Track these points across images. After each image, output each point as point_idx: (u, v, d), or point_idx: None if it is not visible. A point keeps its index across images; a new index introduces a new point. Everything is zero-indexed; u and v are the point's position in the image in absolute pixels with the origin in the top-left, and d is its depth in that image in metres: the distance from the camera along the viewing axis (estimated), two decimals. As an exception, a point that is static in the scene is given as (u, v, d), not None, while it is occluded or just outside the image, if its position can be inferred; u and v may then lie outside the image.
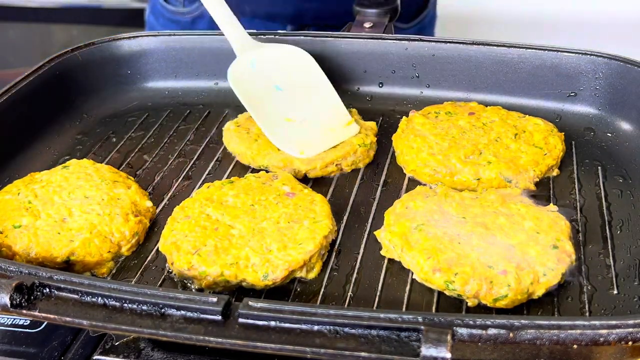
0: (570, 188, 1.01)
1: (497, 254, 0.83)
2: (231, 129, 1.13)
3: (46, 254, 0.89)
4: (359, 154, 1.08)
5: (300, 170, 1.05)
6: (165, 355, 0.81)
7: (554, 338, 0.65)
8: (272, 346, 0.66)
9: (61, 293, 0.72)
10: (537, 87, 1.19)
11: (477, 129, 1.08)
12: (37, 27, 2.79)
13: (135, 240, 0.94)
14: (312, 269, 0.88)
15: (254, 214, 0.93)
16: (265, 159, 1.07)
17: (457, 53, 1.21)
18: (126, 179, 1.02)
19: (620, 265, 0.87)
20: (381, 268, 0.89)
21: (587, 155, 1.08)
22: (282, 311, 0.68)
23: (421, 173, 1.03)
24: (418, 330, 0.65)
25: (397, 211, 0.93)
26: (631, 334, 0.65)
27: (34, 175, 1.01)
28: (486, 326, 0.65)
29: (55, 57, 1.21)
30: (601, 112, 1.16)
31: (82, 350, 0.83)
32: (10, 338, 0.85)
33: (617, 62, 1.13)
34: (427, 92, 1.24)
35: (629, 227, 0.93)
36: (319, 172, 1.06)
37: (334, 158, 1.06)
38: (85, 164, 1.04)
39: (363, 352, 0.64)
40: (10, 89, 1.12)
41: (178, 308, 0.69)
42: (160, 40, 1.29)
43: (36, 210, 0.94)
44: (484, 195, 0.94)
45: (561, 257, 0.83)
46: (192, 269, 0.86)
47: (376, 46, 1.24)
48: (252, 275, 0.84)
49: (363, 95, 1.26)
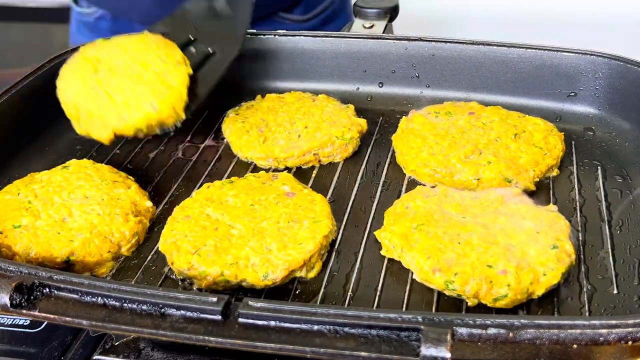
0: (570, 188, 1.01)
1: (497, 254, 0.83)
2: (230, 117, 1.17)
3: (46, 254, 0.89)
4: (337, 146, 1.09)
5: (279, 157, 1.07)
6: (165, 355, 0.81)
7: (554, 338, 0.65)
8: (272, 346, 0.66)
9: (61, 293, 0.72)
10: (537, 87, 1.19)
11: (477, 128, 1.08)
12: (37, 27, 2.79)
13: (135, 240, 0.94)
14: (312, 269, 0.88)
15: (254, 214, 0.93)
16: (249, 152, 1.09)
17: (457, 53, 1.21)
18: (126, 179, 1.02)
19: (620, 265, 0.87)
20: (381, 268, 0.89)
21: (587, 155, 1.08)
22: (282, 311, 0.68)
23: (421, 173, 1.03)
24: (418, 330, 0.65)
25: (397, 211, 0.93)
26: (631, 333, 0.65)
27: (34, 176, 1.01)
28: (486, 326, 0.65)
29: (55, 57, 1.21)
30: (601, 112, 1.16)
31: (82, 350, 0.83)
32: (10, 338, 0.85)
33: (617, 62, 1.13)
34: (427, 92, 1.24)
35: (628, 227, 0.93)
36: (297, 161, 1.08)
37: (311, 147, 1.08)
38: (85, 164, 1.04)
39: (363, 351, 0.64)
40: (10, 89, 1.12)
41: (178, 308, 0.70)
42: (160, 40, 1.29)
43: (36, 210, 0.94)
44: (484, 195, 0.94)
45: (561, 257, 0.83)
46: (192, 269, 0.86)
47: (376, 46, 1.24)
48: (252, 275, 0.84)
49: (363, 95, 1.26)
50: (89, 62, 1.06)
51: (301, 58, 1.27)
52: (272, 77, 1.28)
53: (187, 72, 1.06)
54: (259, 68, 1.28)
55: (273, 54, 1.27)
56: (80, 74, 1.05)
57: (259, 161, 1.10)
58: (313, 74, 1.28)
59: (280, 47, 1.27)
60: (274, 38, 1.26)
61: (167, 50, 1.07)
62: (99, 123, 1.02)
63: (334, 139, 1.09)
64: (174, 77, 1.04)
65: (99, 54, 1.07)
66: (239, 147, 1.11)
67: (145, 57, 1.06)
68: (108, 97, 1.02)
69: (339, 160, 1.10)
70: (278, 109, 1.17)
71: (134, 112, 1.00)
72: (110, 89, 1.02)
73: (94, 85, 1.03)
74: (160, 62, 1.05)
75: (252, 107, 1.18)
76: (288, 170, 1.08)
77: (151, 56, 1.06)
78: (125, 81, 1.03)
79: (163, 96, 1.02)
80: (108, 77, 1.04)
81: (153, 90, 1.02)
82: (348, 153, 1.11)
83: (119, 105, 1.01)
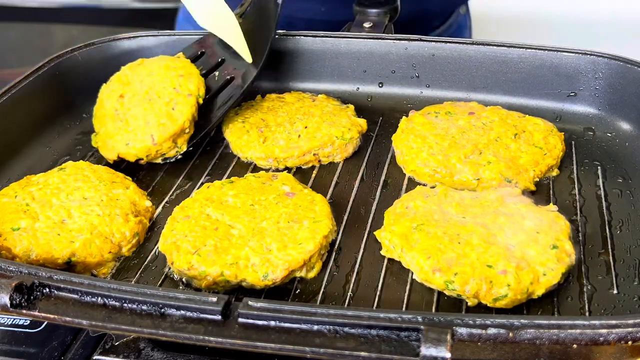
0: (570, 188, 1.01)
1: (497, 254, 0.83)
2: (230, 117, 1.16)
3: (47, 256, 0.89)
4: (337, 146, 1.09)
5: (279, 157, 1.08)
6: (165, 355, 0.81)
7: (554, 338, 0.65)
8: (272, 346, 0.66)
9: (61, 293, 0.72)
10: (537, 87, 1.19)
11: (477, 128, 1.08)
12: (37, 27, 2.78)
13: (136, 241, 0.94)
14: (312, 269, 0.88)
15: (253, 214, 0.93)
16: (249, 152, 1.09)
17: (457, 53, 1.21)
18: (124, 179, 1.02)
19: (620, 265, 0.87)
20: (381, 268, 0.89)
21: (587, 155, 1.08)
22: (281, 311, 0.68)
23: (421, 173, 1.03)
24: (418, 330, 0.65)
25: (397, 211, 0.93)
26: (631, 333, 0.65)
27: (31, 178, 1.01)
28: (486, 326, 0.65)
29: (55, 57, 1.21)
30: (601, 112, 1.16)
31: (82, 350, 0.83)
32: (10, 338, 0.85)
33: (617, 62, 1.13)
34: (427, 92, 1.24)
35: (628, 227, 0.93)
36: (297, 161, 1.08)
37: (311, 147, 1.08)
38: (81, 165, 1.04)
39: (363, 351, 0.64)
40: (10, 89, 1.12)
41: (178, 308, 0.70)
42: (160, 40, 1.29)
43: (34, 212, 0.94)
44: (484, 195, 0.94)
45: (561, 257, 0.83)
46: (192, 269, 0.86)
47: (376, 46, 1.24)
48: (252, 275, 0.84)
49: (363, 95, 1.26)
50: (121, 82, 1.14)
51: (301, 58, 1.27)
52: (272, 77, 1.28)
53: (195, 105, 1.09)
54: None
55: (273, 54, 1.27)
56: (111, 94, 1.14)
57: (259, 161, 1.10)
58: (313, 74, 1.28)
59: (280, 47, 1.27)
60: (274, 38, 1.26)
61: (184, 79, 1.10)
62: (110, 144, 1.08)
63: (334, 139, 1.09)
64: (181, 111, 1.07)
65: (131, 75, 1.15)
66: (239, 147, 1.11)
67: (162, 85, 1.10)
68: (125, 122, 1.09)
69: (339, 160, 1.10)
70: (278, 109, 1.17)
71: (136, 142, 1.05)
72: (128, 115, 1.09)
73: (117, 107, 1.11)
74: (172, 93, 1.09)
75: (252, 107, 1.18)
76: (288, 170, 1.08)
77: (167, 85, 1.10)
78: (139, 110, 1.09)
79: (165, 130, 1.05)
80: (129, 102, 1.11)
81: (158, 122, 1.06)
82: (348, 153, 1.11)
83: (129, 132, 1.07)
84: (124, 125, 1.08)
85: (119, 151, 1.07)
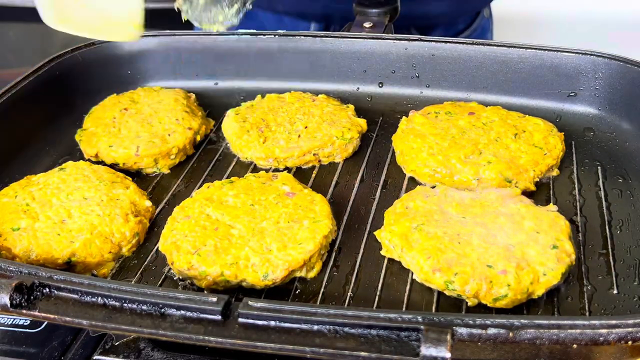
0: (570, 188, 1.01)
1: (497, 254, 0.83)
2: (230, 116, 1.16)
3: (47, 256, 0.89)
4: (337, 146, 1.09)
5: (279, 157, 1.08)
6: (165, 355, 0.81)
7: (554, 338, 0.65)
8: (272, 346, 0.66)
9: (61, 293, 0.72)
10: (537, 87, 1.19)
11: (477, 129, 1.08)
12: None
13: (136, 241, 0.94)
14: (312, 269, 0.88)
15: (254, 214, 0.93)
16: (249, 152, 1.10)
17: (457, 53, 1.21)
18: (124, 179, 1.02)
19: (620, 265, 0.87)
20: (381, 268, 0.89)
21: (587, 155, 1.08)
22: (281, 311, 0.68)
23: (421, 173, 1.03)
24: (418, 330, 0.65)
25: (397, 211, 0.93)
26: (631, 333, 0.65)
27: (31, 178, 1.01)
28: (486, 326, 0.65)
29: (55, 57, 1.22)
30: (601, 112, 1.16)
31: (82, 350, 0.83)
32: (10, 338, 0.85)
33: (617, 62, 1.13)
34: (427, 92, 1.24)
35: (628, 227, 0.93)
36: (297, 161, 1.09)
37: (311, 147, 1.08)
38: (82, 165, 1.04)
39: (363, 351, 0.64)
40: (10, 89, 1.12)
41: (178, 308, 0.70)
42: (160, 40, 1.29)
43: (34, 212, 0.94)
44: (484, 195, 0.94)
45: (561, 257, 0.83)
46: (192, 269, 0.86)
47: (376, 46, 1.24)
48: (252, 275, 0.84)
49: (363, 95, 1.26)
50: (131, 99, 1.20)
51: (301, 58, 1.27)
52: (272, 77, 1.28)
53: (191, 138, 1.12)
54: (259, 68, 1.28)
55: (273, 54, 1.27)
56: (116, 104, 1.18)
57: (259, 161, 1.10)
58: (313, 74, 1.28)
59: (280, 47, 1.27)
60: (274, 38, 1.26)
61: (189, 116, 1.15)
62: (94, 141, 1.11)
63: (334, 139, 1.09)
64: (175, 138, 1.10)
65: (143, 96, 1.21)
66: (239, 147, 1.11)
67: (167, 114, 1.15)
68: (117, 130, 1.12)
69: (339, 160, 1.10)
70: (278, 109, 1.17)
71: (120, 147, 1.08)
72: (122, 126, 1.13)
73: (116, 116, 1.15)
74: (174, 123, 1.13)
75: (252, 107, 1.18)
76: (288, 170, 1.08)
77: (171, 115, 1.15)
78: (136, 125, 1.13)
79: (152, 147, 1.08)
80: (130, 117, 1.15)
81: (149, 139, 1.09)
82: (348, 153, 1.11)
83: (117, 138, 1.10)
84: (115, 132, 1.12)
85: (99, 150, 1.09)
